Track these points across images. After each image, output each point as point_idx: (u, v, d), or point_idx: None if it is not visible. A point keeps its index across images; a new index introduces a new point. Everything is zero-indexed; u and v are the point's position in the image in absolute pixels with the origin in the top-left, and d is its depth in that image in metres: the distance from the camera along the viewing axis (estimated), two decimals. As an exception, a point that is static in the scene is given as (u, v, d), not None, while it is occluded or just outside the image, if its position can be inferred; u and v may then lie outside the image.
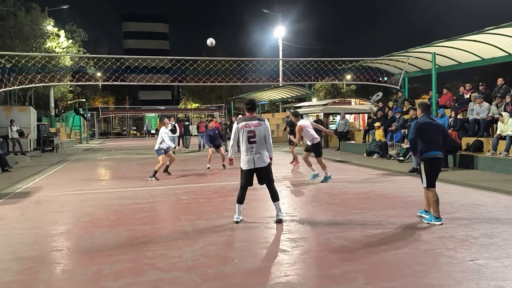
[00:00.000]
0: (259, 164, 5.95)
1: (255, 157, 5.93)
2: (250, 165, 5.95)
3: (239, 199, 6.11)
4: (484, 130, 12.50)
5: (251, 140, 5.91)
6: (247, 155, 5.95)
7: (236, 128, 6.05)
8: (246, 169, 5.99)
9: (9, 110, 21.62)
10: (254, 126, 5.95)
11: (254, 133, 5.92)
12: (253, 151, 5.92)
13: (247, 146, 5.93)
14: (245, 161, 5.98)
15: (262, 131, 5.97)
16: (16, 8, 22.79)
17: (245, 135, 5.93)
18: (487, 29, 11.02)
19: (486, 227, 5.63)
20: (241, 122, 6.02)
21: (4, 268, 4.40)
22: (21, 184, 10.50)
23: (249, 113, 6.15)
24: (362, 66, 15.66)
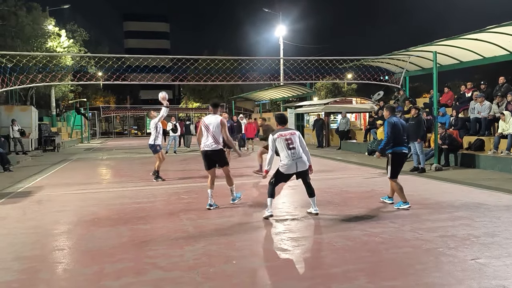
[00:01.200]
0: (301, 168, 6.28)
1: (298, 161, 6.22)
2: (293, 169, 6.26)
3: (271, 193, 6.36)
4: (486, 129, 12.48)
5: (290, 147, 6.21)
6: (290, 160, 6.21)
7: (272, 139, 6.35)
8: (287, 173, 6.30)
9: (10, 110, 21.66)
10: (290, 134, 6.33)
11: (291, 140, 6.25)
12: (294, 156, 6.21)
13: (287, 152, 6.22)
14: (288, 166, 6.23)
15: (297, 139, 6.33)
16: (17, 8, 22.80)
17: (284, 142, 6.25)
18: (489, 28, 10.98)
19: (487, 226, 5.63)
20: (277, 132, 6.37)
21: (6, 267, 4.41)
22: (22, 184, 10.51)
23: (281, 125, 6.55)
24: (363, 65, 15.62)
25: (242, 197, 7.59)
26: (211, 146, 6.99)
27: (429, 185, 9.19)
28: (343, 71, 27.70)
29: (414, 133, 11.08)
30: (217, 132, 6.98)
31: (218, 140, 7.01)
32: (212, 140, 6.98)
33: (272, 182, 6.41)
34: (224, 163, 7.24)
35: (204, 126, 7.07)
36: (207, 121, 7.05)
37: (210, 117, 7.15)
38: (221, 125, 7.02)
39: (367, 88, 37.84)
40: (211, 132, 6.96)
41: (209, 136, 6.98)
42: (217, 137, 6.99)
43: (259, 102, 39.88)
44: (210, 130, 6.97)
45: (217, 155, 7.09)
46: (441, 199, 7.55)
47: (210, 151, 7.01)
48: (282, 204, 7.49)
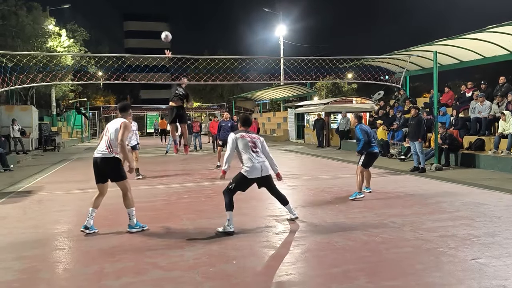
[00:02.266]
0: (266, 172, 5.74)
1: (262, 165, 5.70)
2: (257, 173, 5.65)
3: (229, 205, 5.54)
4: (486, 129, 12.47)
5: (253, 149, 5.69)
6: (253, 163, 5.63)
7: (234, 137, 5.72)
8: (251, 177, 5.66)
9: (11, 110, 21.65)
10: (254, 138, 5.82)
11: (255, 143, 5.74)
12: (258, 159, 5.68)
13: (251, 154, 5.65)
14: (252, 169, 5.61)
15: (260, 145, 5.82)
16: (17, 8, 22.80)
17: (247, 144, 5.67)
18: (489, 28, 10.98)
19: (488, 226, 5.63)
20: (240, 132, 5.78)
21: (6, 267, 4.41)
22: (22, 183, 10.52)
23: (244, 127, 5.95)
24: (363, 64, 15.60)
25: (146, 229, 5.77)
26: (102, 151, 5.67)
27: (429, 185, 9.19)
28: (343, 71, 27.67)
29: (415, 133, 11.09)
30: (113, 137, 5.68)
31: (112, 147, 5.66)
32: (105, 145, 5.67)
33: (230, 189, 5.61)
34: (119, 177, 5.75)
35: (105, 130, 5.90)
36: (109, 125, 5.87)
37: (115, 120, 5.90)
38: (120, 127, 5.67)
39: (367, 88, 37.84)
40: (108, 136, 5.71)
41: (104, 140, 5.74)
42: (112, 143, 5.67)
43: (259, 102, 39.92)
44: (108, 133, 5.73)
45: (108, 164, 5.68)
46: (442, 199, 7.55)
47: (100, 158, 5.68)
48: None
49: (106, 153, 5.66)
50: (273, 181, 5.96)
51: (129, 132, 5.84)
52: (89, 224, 5.71)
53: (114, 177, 5.78)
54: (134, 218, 5.75)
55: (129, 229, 5.69)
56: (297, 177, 10.87)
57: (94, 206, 5.82)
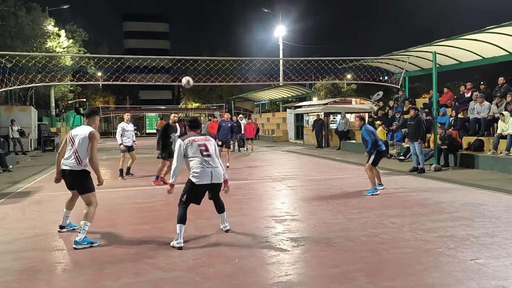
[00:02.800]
0: (216, 180, 5.26)
1: (213, 171, 5.21)
2: (207, 179, 5.16)
3: (181, 218, 5.11)
4: (485, 129, 12.49)
5: (204, 154, 5.23)
6: (203, 167, 5.17)
7: (182, 144, 5.26)
8: (200, 183, 5.17)
9: (10, 110, 21.65)
10: (205, 140, 5.37)
11: (206, 147, 5.29)
12: (211, 164, 5.21)
13: (202, 159, 5.19)
14: (201, 175, 5.15)
15: (212, 147, 5.38)
16: (16, 8, 22.80)
17: (197, 148, 5.23)
18: (488, 28, 11.00)
19: (487, 226, 5.63)
20: (188, 137, 5.33)
21: (6, 267, 4.41)
22: (22, 184, 10.51)
23: (193, 131, 5.53)
24: (362, 65, 15.63)
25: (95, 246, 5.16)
26: (70, 164, 5.34)
27: (428, 186, 9.19)
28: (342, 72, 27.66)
29: (414, 134, 11.10)
30: (82, 148, 5.35)
31: (80, 159, 5.35)
32: (73, 157, 5.33)
33: (183, 201, 5.23)
34: (85, 189, 5.40)
35: (69, 139, 5.47)
36: (74, 133, 5.49)
37: (80, 128, 5.58)
38: (89, 138, 5.37)
39: (366, 89, 37.87)
40: (75, 147, 5.35)
41: (72, 151, 5.36)
42: (80, 154, 5.34)
43: (258, 103, 39.90)
44: (75, 144, 5.36)
45: (76, 177, 5.40)
46: (441, 199, 7.56)
47: (68, 171, 5.36)
48: (282, 204, 7.49)
49: (75, 166, 5.34)
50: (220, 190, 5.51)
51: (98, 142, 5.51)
52: (64, 224, 5.87)
53: (80, 190, 5.45)
54: (85, 233, 5.18)
55: (75, 245, 5.06)
56: (297, 178, 10.87)
57: (68, 208, 5.84)
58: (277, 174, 11.55)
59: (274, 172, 12.11)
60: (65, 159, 5.42)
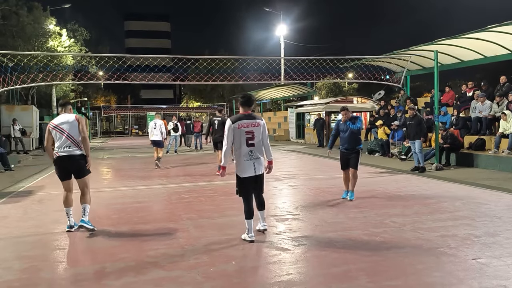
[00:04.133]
0: (259, 171, 5.16)
1: (255, 162, 5.12)
2: (251, 172, 5.10)
3: (247, 212, 5.14)
4: (487, 129, 12.46)
5: (249, 143, 5.06)
6: (246, 160, 5.08)
7: (232, 127, 5.06)
8: (246, 176, 5.12)
9: (11, 109, 21.67)
10: (253, 126, 5.10)
11: (253, 134, 5.08)
12: (252, 156, 5.09)
13: (246, 149, 5.06)
14: (245, 168, 5.10)
15: (260, 132, 5.14)
16: (18, 7, 22.80)
17: (243, 136, 5.05)
18: (490, 27, 10.97)
19: (488, 226, 5.62)
20: (238, 121, 5.07)
21: (7, 266, 4.42)
22: (23, 183, 10.52)
23: (244, 109, 5.21)
24: (364, 64, 15.60)
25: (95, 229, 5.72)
26: (69, 150, 5.65)
27: (430, 185, 9.18)
28: (344, 71, 27.64)
29: (416, 133, 11.07)
30: (74, 132, 5.68)
31: (77, 142, 5.68)
32: (69, 142, 5.65)
33: (239, 194, 5.26)
34: (84, 173, 5.81)
35: (54, 128, 5.71)
36: (57, 122, 5.73)
37: (62, 116, 5.80)
38: (78, 121, 5.73)
39: (368, 88, 37.82)
40: (66, 133, 5.66)
41: (64, 138, 5.64)
42: (76, 138, 5.68)
43: (260, 102, 39.88)
44: (65, 131, 5.66)
45: (77, 161, 5.71)
46: (442, 198, 7.55)
47: (68, 156, 5.65)
48: (283, 203, 7.49)
49: (74, 150, 5.68)
50: (263, 181, 5.37)
51: None
52: (72, 222, 5.82)
53: (79, 174, 5.81)
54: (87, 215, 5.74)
55: (82, 223, 5.62)
56: (298, 177, 10.87)
57: (68, 206, 5.88)
58: (279, 173, 11.54)
59: (275, 171, 12.08)
60: (59, 147, 5.67)
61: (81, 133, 5.71)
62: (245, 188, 5.17)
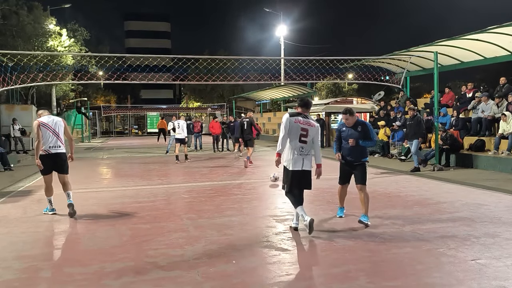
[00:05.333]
0: (307, 167, 5.42)
1: (305, 158, 5.38)
2: (299, 166, 5.37)
3: (294, 201, 5.44)
4: (486, 130, 12.47)
5: (302, 139, 5.36)
6: (296, 154, 5.37)
7: (289, 119, 5.36)
8: (294, 169, 5.38)
9: (11, 109, 21.65)
10: (308, 125, 5.40)
11: (307, 132, 5.37)
12: (303, 151, 5.38)
13: (297, 144, 5.36)
14: (293, 161, 5.37)
15: (314, 133, 5.43)
16: (18, 7, 22.80)
17: (298, 131, 5.35)
18: (490, 28, 10.99)
19: (488, 227, 5.62)
20: (296, 116, 5.41)
21: (7, 266, 4.42)
22: (23, 183, 10.52)
23: (302, 110, 5.54)
24: (364, 65, 15.63)
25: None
26: (58, 149, 6.63)
27: (429, 186, 9.18)
28: (344, 71, 27.65)
29: (414, 133, 11.10)
30: (62, 132, 6.69)
31: (62, 142, 6.71)
32: (58, 142, 6.63)
33: (286, 192, 5.55)
34: (67, 168, 6.82)
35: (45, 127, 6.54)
36: (47, 121, 6.60)
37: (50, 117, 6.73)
38: (64, 123, 6.85)
39: (368, 88, 37.82)
40: (57, 133, 6.63)
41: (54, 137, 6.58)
42: (62, 138, 6.70)
43: (259, 102, 39.91)
44: (56, 131, 6.62)
45: (63, 158, 6.73)
46: (442, 199, 7.55)
47: (56, 153, 6.60)
48: (283, 204, 7.48)
49: (61, 148, 6.66)
50: (310, 180, 5.50)
51: None
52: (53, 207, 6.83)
53: (64, 170, 6.77)
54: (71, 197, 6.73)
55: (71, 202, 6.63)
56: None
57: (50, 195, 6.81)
58: (278, 173, 11.53)
59: (275, 171, 12.10)
60: (48, 145, 6.51)
61: (66, 134, 6.77)
62: (292, 181, 5.39)
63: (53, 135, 6.54)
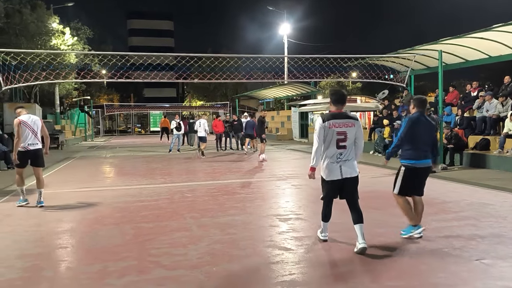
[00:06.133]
0: (347, 174, 4.67)
1: (343, 165, 4.65)
2: (336, 175, 4.67)
3: (324, 215, 4.96)
4: (491, 129, 12.39)
5: (340, 144, 4.61)
6: (333, 162, 4.67)
7: (322, 126, 4.62)
8: (331, 179, 4.72)
9: (14, 107, 21.70)
10: (346, 126, 4.61)
11: (345, 135, 4.60)
12: (341, 158, 4.65)
13: (335, 151, 4.64)
14: (330, 170, 4.69)
15: (353, 133, 4.65)
16: (21, 6, 22.85)
17: (334, 136, 4.60)
18: (495, 27, 10.89)
19: (493, 226, 5.58)
20: (330, 119, 4.61)
21: (9, 265, 4.41)
22: (26, 181, 10.48)
23: (337, 107, 4.73)
24: (368, 63, 15.56)
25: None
26: (36, 145, 7.32)
27: (434, 185, 9.11)
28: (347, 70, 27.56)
29: None
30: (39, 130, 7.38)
31: (39, 138, 7.40)
32: (36, 139, 7.31)
33: (324, 202, 4.95)
34: (43, 163, 7.62)
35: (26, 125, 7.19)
36: (27, 120, 7.24)
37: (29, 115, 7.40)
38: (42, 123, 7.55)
39: (371, 87, 37.69)
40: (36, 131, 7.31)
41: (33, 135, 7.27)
42: (40, 135, 7.39)
43: (263, 101, 39.85)
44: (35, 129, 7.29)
45: (40, 154, 7.42)
46: (447, 199, 7.50)
47: (35, 150, 7.29)
48: (286, 203, 7.46)
49: (39, 145, 7.30)
50: (356, 187, 4.82)
51: None
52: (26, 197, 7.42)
53: (40, 164, 7.44)
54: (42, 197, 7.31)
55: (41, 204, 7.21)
56: (301, 177, 10.82)
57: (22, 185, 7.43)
58: (282, 172, 11.52)
59: (278, 170, 12.08)
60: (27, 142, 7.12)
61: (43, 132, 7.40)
62: (328, 192, 4.84)
63: (32, 133, 7.17)
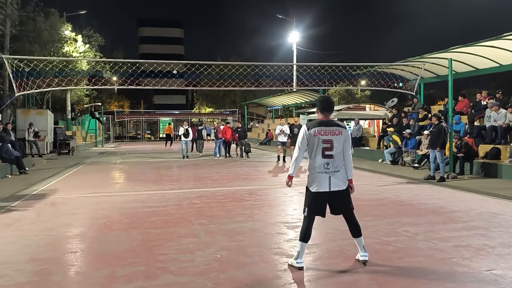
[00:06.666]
0: (336, 187, 4.33)
1: (332, 176, 4.32)
2: (324, 187, 4.31)
3: (303, 234, 4.37)
4: (502, 138, 12.27)
5: (326, 153, 4.30)
6: (320, 172, 4.32)
7: (305, 134, 4.37)
8: (317, 191, 4.35)
9: (27, 113, 21.99)
10: (332, 134, 4.34)
11: (331, 143, 4.32)
12: (329, 168, 4.31)
13: (321, 160, 4.31)
14: (317, 181, 4.33)
15: (341, 142, 4.36)
16: (35, 14, 23.28)
17: (320, 145, 4.31)
18: (505, 35, 10.84)
19: (503, 236, 5.51)
20: (315, 127, 4.36)
21: (19, 269, 4.46)
22: (37, 186, 10.65)
23: (324, 115, 4.51)
24: (377, 71, 15.52)
25: None
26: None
27: (444, 194, 9.05)
28: (356, 78, 27.53)
29: (434, 141, 10.90)
30: None
31: None
32: None
33: (305, 215, 4.46)
34: None
35: None
36: None
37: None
38: None
39: (380, 95, 37.58)
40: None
41: None
42: None
43: (271, 108, 39.93)
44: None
45: None
46: (456, 208, 7.43)
47: None
48: (294, 210, 7.45)
49: None
50: (349, 200, 4.51)
51: None
52: None
53: None
54: None
55: None
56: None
57: None
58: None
59: (286, 178, 12.05)
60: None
61: None
62: (313, 205, 4.40)
63: None
